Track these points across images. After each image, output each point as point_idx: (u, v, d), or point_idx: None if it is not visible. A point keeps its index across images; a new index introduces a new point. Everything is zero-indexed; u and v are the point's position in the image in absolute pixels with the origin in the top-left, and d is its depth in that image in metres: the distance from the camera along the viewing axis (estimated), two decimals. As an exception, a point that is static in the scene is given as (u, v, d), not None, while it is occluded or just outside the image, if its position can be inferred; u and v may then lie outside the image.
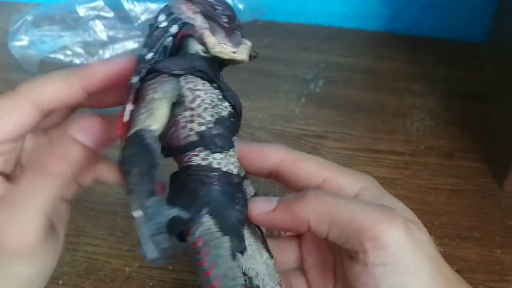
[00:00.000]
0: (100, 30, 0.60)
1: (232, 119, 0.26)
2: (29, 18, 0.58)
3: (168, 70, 0.25)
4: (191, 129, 0.25)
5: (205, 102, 0.25)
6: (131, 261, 0.37)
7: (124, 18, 0.61)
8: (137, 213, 0.22)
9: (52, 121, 0.30)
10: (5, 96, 0.29)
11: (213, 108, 0.25)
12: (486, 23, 0.63)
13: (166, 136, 0.25)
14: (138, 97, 0.25)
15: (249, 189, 0.28)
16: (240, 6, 0.65)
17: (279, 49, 0.62)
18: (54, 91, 0.28)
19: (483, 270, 0.36)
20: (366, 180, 0.29)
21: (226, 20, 0.26)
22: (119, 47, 0.60)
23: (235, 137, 0.27)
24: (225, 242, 0.24)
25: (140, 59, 0.26)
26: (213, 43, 0.25)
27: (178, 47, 0.26)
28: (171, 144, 0.25)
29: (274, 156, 0.29)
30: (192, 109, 0.25)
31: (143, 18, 0.61)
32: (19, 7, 0.69)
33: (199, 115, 0.25)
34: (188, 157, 0.25)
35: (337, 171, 0.29)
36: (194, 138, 0.25)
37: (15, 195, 0.26)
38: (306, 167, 0.29)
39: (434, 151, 0.46)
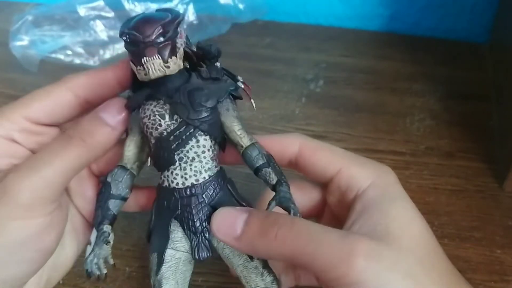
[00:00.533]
0: (100, 30, 0.60)
1: (176, 133, 0.27)
2: (30, 18, 0.58)
3: (128, 106, 0.29)
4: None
5: (148, 127, 0.28)
6: (131, 261, 0.37)
7: (124, 18, 0.60)
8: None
9: None
10: (48, 85, 0.31)
11: (156, 130, 0.27)
12: (486, 23, 0.63)
13: None
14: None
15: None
16: (241, 6, 0.65)
17: (279, 49, 0.62)
18: (90, 79, 0.30)
19: (483, 270, 0.36)
20: (379, 175, 0.29)
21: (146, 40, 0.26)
22: (119, 47, 0.60)
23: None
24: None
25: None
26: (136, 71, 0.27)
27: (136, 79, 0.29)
28: None
29: (293, 145, 0.30)
30: (146, 136, 0.29)
31: (143, 18, 0.61)
32: (20, 7, 0.69)
33: (150, 142, 0.28)
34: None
35: (352, 162, 0.29)
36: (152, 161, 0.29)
37: (41, 153, 0.27)
38: (323, 156, 0.29)
39: (435, 151, 0.46)
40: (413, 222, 0.27)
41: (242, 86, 0.29)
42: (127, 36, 0.26)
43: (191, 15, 0.63)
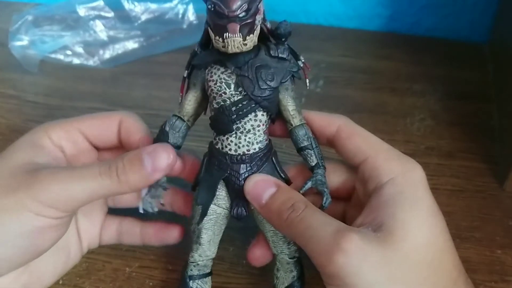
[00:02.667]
0: (100, 30, 0.60)
1: (239, 105, 0.29)
2: (30, 18, 0.58)
3: (196, 64, 0.31)
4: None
5: (212, 91, 0.30)
6: (131, 261, 0.37)
7: (124, 18, 0.61)
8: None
9: None
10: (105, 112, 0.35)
11: (220, 96, 0.29)
12: (486, 23, 0.62)
13: None
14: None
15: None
16: (241, 6, 0.65)
17: (279, 49, 0.62)
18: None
19: (483, 270, 0.36)
20: (403, 172, 0.29)
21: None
22: (119, 47, 0.60)
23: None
24: None
25: (192, 53, 0.31)
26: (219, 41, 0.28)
27: (208, 39, 0.30)
28: None
29: (332, 125, 0.32)
30: (209, 97, 0.30)
31: (143, 18, 0.61)
32: (20, 7, 0.69)
33: (210, 103, 0.30)
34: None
35: (381, 153, 0.30)
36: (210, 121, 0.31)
37: (81, 169, 0.29)
38: (355, 142, 0.31)
39: (435, 151, 0.46)
40: (421, 229, 0.27)
41: (302, 66, 0.31)
42: (213, 5, 0.27)
43: (191, 15, 0.63)
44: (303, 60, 0.32)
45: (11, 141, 0.48)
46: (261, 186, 0.30)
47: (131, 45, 0.60)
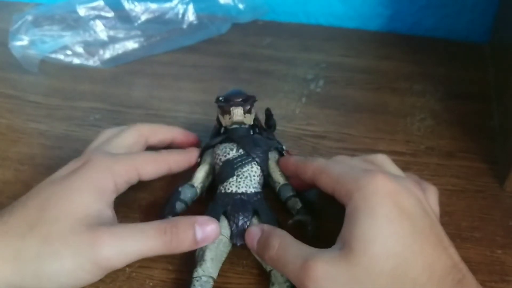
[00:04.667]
0: (100, 30, 0.60)
1: (239, 158, 0.39)
2: (30, 18, 0.58)
3: (206, 146, 0.41)
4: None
5: (219, 155, 0.40)
6: (131, 261, 0.37)
7: (124, 18, 0.61)
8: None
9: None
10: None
11: (225, 156, 0.39)
12: (487, 23, 0.62)
13: None
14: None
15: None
16: (241, 6, 0.65)
17: (279, 49, 0.62)
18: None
19: (484, 270, 0.36)
20: (357, 189, 0.31)
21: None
22: (119, 47, 0.60)
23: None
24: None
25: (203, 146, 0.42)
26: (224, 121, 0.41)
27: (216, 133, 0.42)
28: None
29: (308, 171, 0.36)
30: (215, 163, 0.40)
31: (143, 18, 0.61)
32: (20, 7, 0.69)
33: (216, 164, 0.40)
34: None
35: (340, 181, 0.32)
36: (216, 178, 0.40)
37: (136, 229, 0.32)
38: (323, 181, 0.34)
39: (435, 151, 0.46)
40: (377, 239, 0.28)
41: (285, 150, 0.42)
42: (223, 97, 0.40)
43: (191, 15, 0.63)
44: (284, 147, 0.42)
45: (10, 141, 0.48)
46: (251, 235, 0.34)
47: (131, 45, 0.60)
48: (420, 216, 0.30)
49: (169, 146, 0.43)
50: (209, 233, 0.33)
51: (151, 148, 0.42)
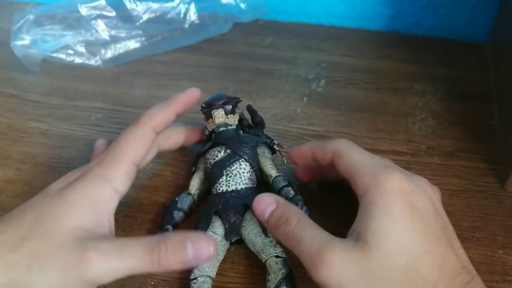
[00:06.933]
0: (102, 30, 0.60)
1: (227, 158, 0.39)
2: (31, 17, 0.59)
3: (199, 153, 0.42)
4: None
5: (209, 159, 0.40)
6: (132, 261, 0.37)
7: (126, 17, 0.61)
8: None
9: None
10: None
11: (214, 159, 0.40)
12: (487, 22, 0.63)
13: None
14: None
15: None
16: (242, 6, 0.65)
17: (280, 49, 0.62)
18: (164, 118, 0.38)
19: (484, 270, 0.36)
20: (374, 184, 0.31)
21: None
22: (121, 47, 0.60)
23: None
24: None
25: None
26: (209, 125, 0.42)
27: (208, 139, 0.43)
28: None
29: (328, 154, 0.36)
30: (207, 167, 0.40)
31: (145, 17, 0.61)
32: (21, 6, 0.69)
33: (207, 168, 0.40)
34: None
35: (358, 170, 0.33)
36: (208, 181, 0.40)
37: (122, 242, 0.31)
38: (342, 165, 0.34)
39: (436, 151, 0.46)
40: (392, 235, 0.29)
41: (277, 144, 0.42)
42: (205, 103, 0.42)
43: (192, 15, 0.63)
44: (276, 142, 0.42)
45: (12, 140, 0.48)
46: (264, 203, 0.33)
47: (133, 44, 0.61)
48: (433, 217, 0.30)
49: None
50: (202, 251, 0.31)
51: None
